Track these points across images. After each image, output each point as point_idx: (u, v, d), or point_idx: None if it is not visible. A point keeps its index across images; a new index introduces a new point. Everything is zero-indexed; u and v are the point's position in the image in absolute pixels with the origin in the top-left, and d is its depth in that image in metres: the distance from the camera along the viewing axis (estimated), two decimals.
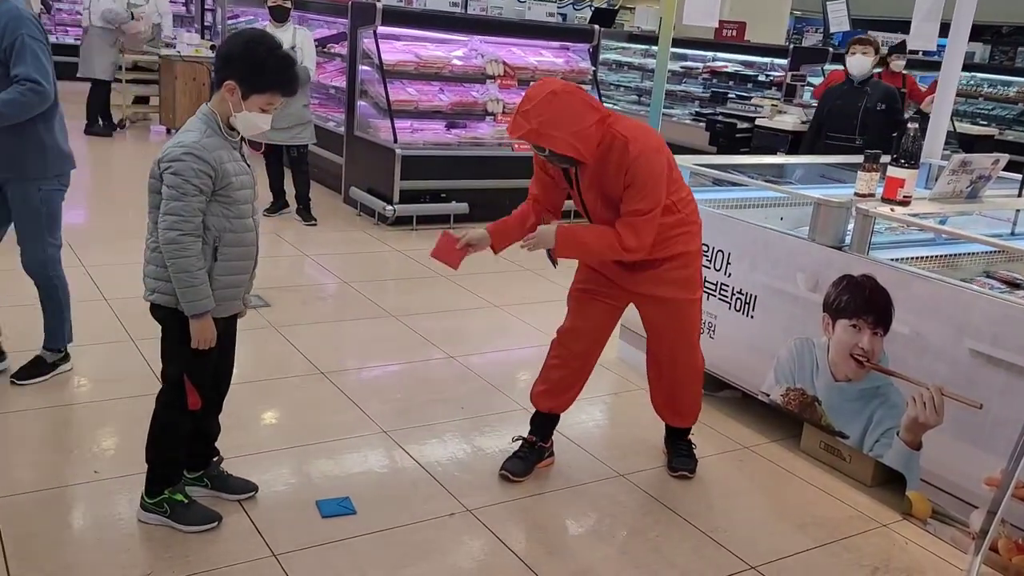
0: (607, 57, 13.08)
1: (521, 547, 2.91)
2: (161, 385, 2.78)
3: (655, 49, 6.35)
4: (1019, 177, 4.13)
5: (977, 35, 14.85)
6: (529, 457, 3.37)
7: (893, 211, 3.50)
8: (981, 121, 11.85)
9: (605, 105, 3.11)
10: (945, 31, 4.94)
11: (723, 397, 4.12)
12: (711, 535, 3.08)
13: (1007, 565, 2.94)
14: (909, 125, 3.60)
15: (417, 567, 2.75)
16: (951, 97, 5.01)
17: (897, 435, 3.28)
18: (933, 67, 9.23)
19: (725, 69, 11.75)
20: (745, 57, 11.68)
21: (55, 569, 2.58)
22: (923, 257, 3.60)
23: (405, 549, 2.83)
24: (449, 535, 2.94)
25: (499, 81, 7.71)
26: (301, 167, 6.87)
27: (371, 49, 7.34)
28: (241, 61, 2.58)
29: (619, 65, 13.46)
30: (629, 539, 3.03)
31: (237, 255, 2.68)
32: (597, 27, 8.62)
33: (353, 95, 7.64)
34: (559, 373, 3.33)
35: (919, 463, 3.21)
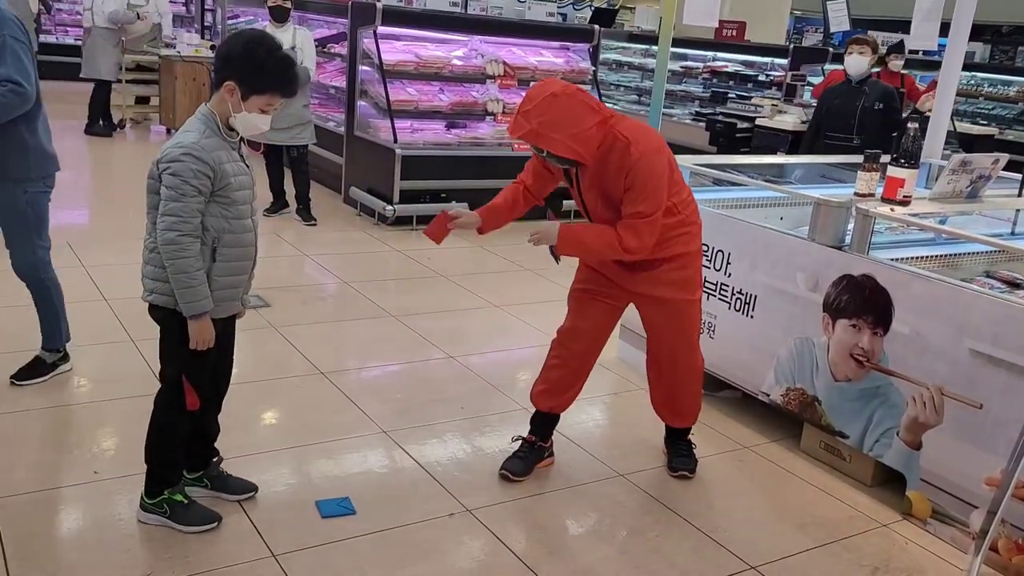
0: (607, 57, 13.08)
1: (521, 547, 2.91)
2: (160, 386, 2.78)
3: (655, 49, 6.36)
4: (1019, 177, 4.13)
5: (977, 35, 14.84)
6: (529, 457, 3.37)
7: (893, 211, 3.50)
8: (981, 121, 11.85)
9: (606, 105, 3.11)
10: (945, 30, 4.94)
11: (723, 397, 4.12)
12: (711, 535, 3.07)
13: (1007, 565, 2.93)
14: (909, 125, 3.60)
15: (417, 567, 2.75)
16: (951, 97, 5.00)
17: (897, 435, 3.28)
18: (933, 67, 9.24)
19: (725, 69, 11.75)
20: (745, 57, 11.68)
21: (55, 569, 2.58)
22: (923, 257, 3.60)
23: (405, 549, 2.83)
24: (449, 535, 2.94)
25: (499, 81, 7.71)
26: (301, 167, 6.87)
27: (371, 49, 7.34)
28: (241, 62, 2.58)
29: (619, 65, 13.47)
30: (629, 539, 3.03)
31: (236, 256, 2.67)
32: (597, 27, 8.62)
33: (353, 95, 7.64)
34: (559, 373, 3.33)
35: (919, 463, 3.21)
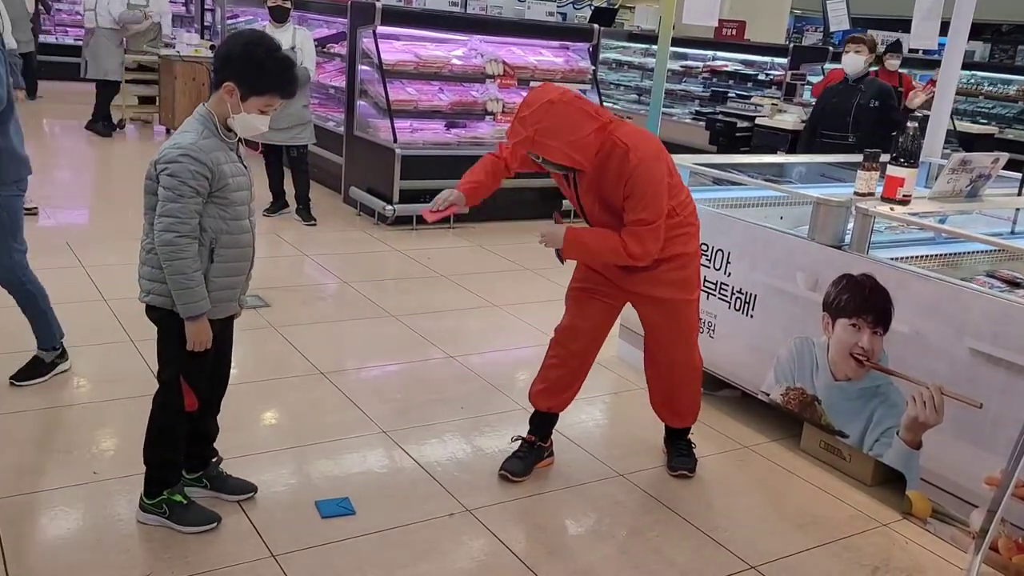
0: (607, 56, 13.08)
1: (521, 547, 2.91)
2: (159, 385, 2.77)
3: (655, 48, 6.35)
4: (1019, 176, 4.12)
5: (977, 33, 14.84)
6: (528, 457, 3.37)
7: (893, 210, 3.50)
8: (981, 120, 11.85)
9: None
10: (945, 29, 4.94)
11: (723, 396, 4.12)
12: (711, 535, 3.07)
13: (1007, 564, 2.93)
14: (908, 124, 3.60)
15: (417, 567, 2.75)
16: (951, 95, 5.00)
17: (897, 434, 3.27)
18: (933, 65, 9.23)
19: (725, 68, 11.75)
20: (745, 56, 11.68)
21: (54, 570, 2.58)
22: (923, 256, 3.60)
23: (404, 549, 2.83)
24: (449, 535, 2.93)
25: (499, 81, 7.71)
26: (301, 167, 6.86)
27: (371, 49, 7.34)
28: (240, 63, 2.57)
29: (619, 64, 13.46)
30: (629, 539, 3.03)
31: (234, 256, 2.67)
32: (597, 26, 8.62)
33: (353, 95, 7.64)
34: (557, 372, 3.33)
35: (919, 462, 3.21)
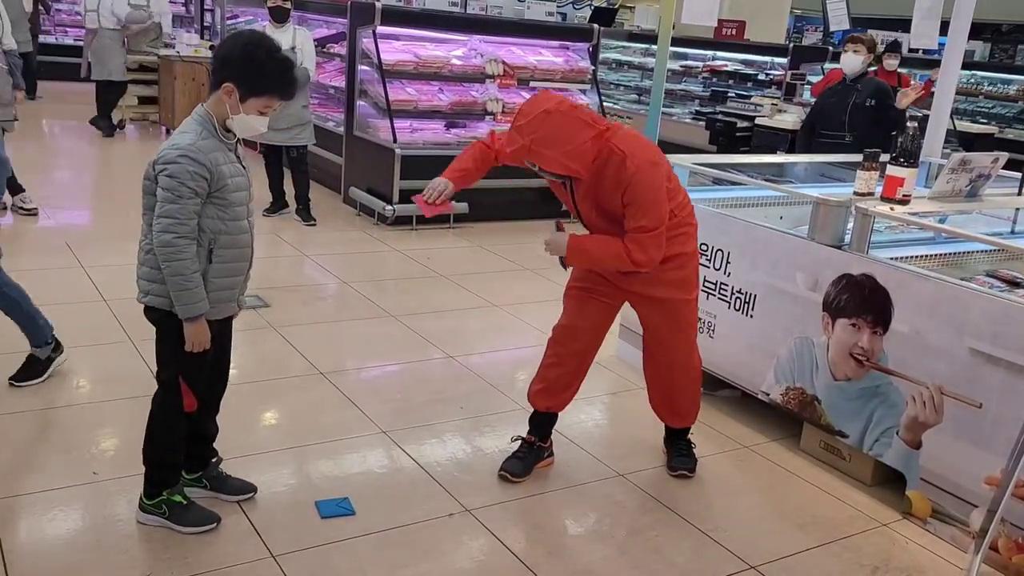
0: (607, 56, 13.08)
1: (520, 547, 2.91)
2: (158, 385, 2.77)
3: (655, 48, 6.35)
4: (1019, 175, 4.12)
5: (977, 33, 14.84)
6: (528, 457, 3.36)
7: (892, 210, 3.50)
8: (981, 119, 11.84)
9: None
10: (945, 29, 4.94)
11: (723, 396, 4.12)
12: (711, 535, 3.07)
13: (1007, 564, 2.93)
14: (908, 124, 3.60)
15: (416, 567, 2.75)
16: (951, 95, 5.00)
17: (897, 434, 3.27)
18: (933, 65, 9.22)
19: (725, 68, 11.76)
20: (745, 56, 11.69)
21: (54, 570, 2.58)
22: (923, 256, 3.60)
23: (404, 550, 2.83)
24: (448, 535, 2.93)
25: (498, 81, 7.70)
26: (300, 167, 6.86)
27: (370, 49, 7.34)
28: (240, 63, 2.56)
29: (619, 64, 13.47)
30: (629, 539, 3.03)
31: (232, 257, 2.66)
32: (597, 26, 8.61)
33: (352, 95, 7.64)
34: (556, 372, 3.33)
35: (919, 462, 3.21)
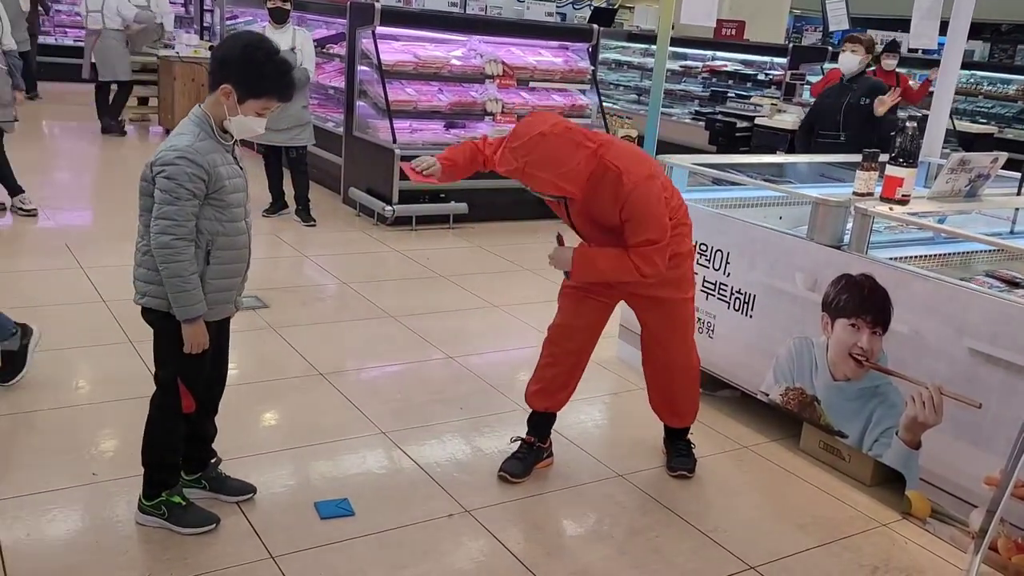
0: (607, 56, 13.09)
1: (520, 548, 2.91)
2: (156, 387, 2.77)
3: (655, 48, 6.35)
4: (1018, 175, 4.12)
5: (976, 33, 14.84)
6: (528, 458, 3.36)
7: (892, 210, 3.50)
8: (981, 119, 11.84)
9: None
10: (944, 29, 4.93)
11: (722, 396, 4.12)
12: (710, 535, 3.07)
13: (1006, 564, 2.93)
14: (907, 124, 3.60)
15: (416, 568, 2.75)
16: (950, 95, 5.00)
17: (896, 434, 3.27)
18: (932, 65, 9.22)
19: (724, 68, 11.76)
20: (744, 56, 11.69)
21: (53, 571, 2.58)
22: (922, 256, 3.60)
23: (404, 550, 2.83)
24: (448, 536, 2.93)
25: (498, 81, 7.70)
26: (300, 168, 6.86)
27: (370, 49, 7.34)
28: (238, 65, 2.56)
29: (619, 64, 13.47)
30: (628, 539, 3.03)
31: (230, 258, 2.66)
32: (596, 26, 8.61)
33: (352, 95, 7.64)
34: (552, 372, 3.33)
35: (918, 462, 3.21)
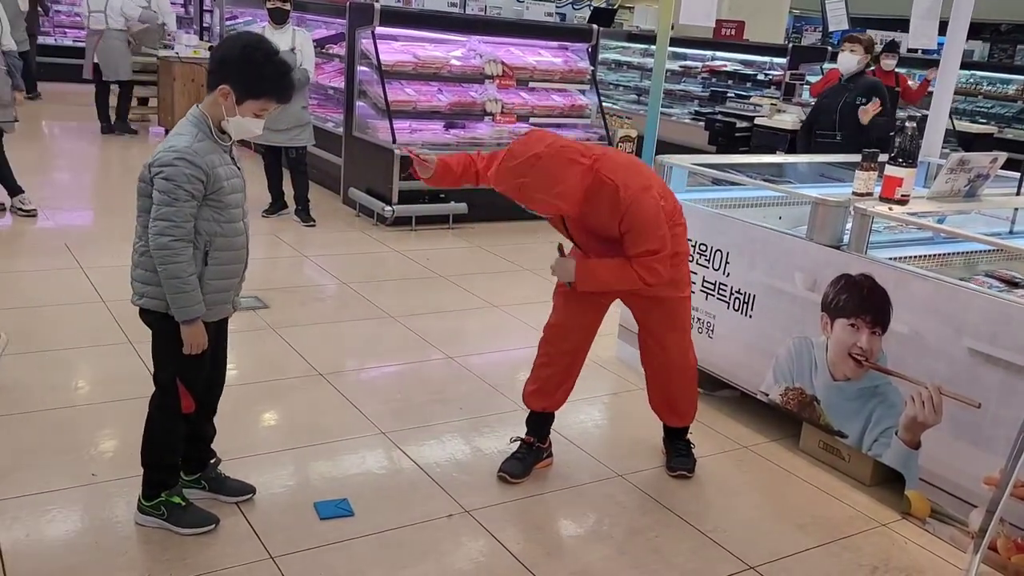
0: (606, 56, 13.09)
1: (519, 548, 2.91)
2: (155, 388, 2.77)
3: (654, 48, 6.34)
4: (1017, 175, 4.12)
5: (976, 33, 14.84)
6: (527, 458, 3.36)
7: (891, 210, 3.50)
8: (980, 119, 11.84)
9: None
10: (944, 29, 4.93)
11: (722, 396, 4.12)
12: (710, 535, 3.07)
13: (1006, 564, 2.93)
14: (907, 124, 3.60)
15: (415, 568, 2.75)
16: (950, 95, 5.00)
17: (896, 434, 3.27)
18: (932, 65, 9.22)
19: (724, 68, 11.75)
20: (744, 56, 11.69)
21: (52, 572, 2.58)
22: (921, 256, 3.60)
23: (403, 550, 2.83)
24: (447, 536, 2.93)
25: (498, 81, 7.70)
26: (300, 168, 6.85)
27: (369, 49, 7.34)
28: (237, 66, 2.56)
29: (618, 64, 13.47)
30: (628, 539, 3.03)
31: (228, 259, 2.66)
32: (596, 27, 8.61)
33: (352, 96, 7.64)
34: (548, 371, 3.33)
35: (918, 462, 3.21)
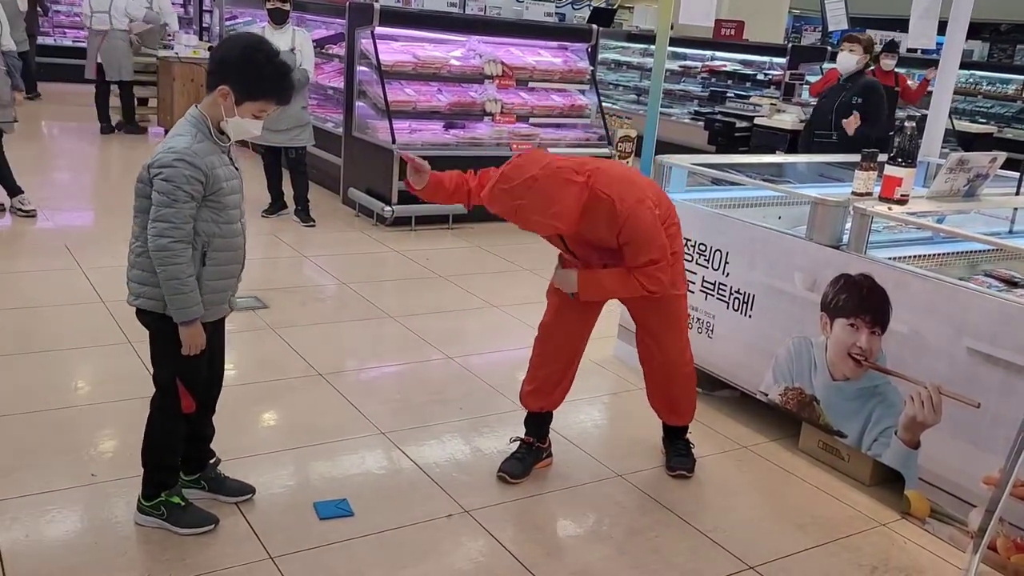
0: (606, 56, 13.10)
1: (519, 548, 2.91)
2: (155, 388, 2.77)
3: (654, 48, 6.35)
4: (1017, 175, 4.12)
5: (975, 33, 14.84)
6: (527, 458, 3.36)
7: (890, 210, 3.50)
8: (980, 119, 11.85)
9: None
10: (943, 28, 4.94)
11: (721, 396, 4.12)
12: (709, 535, 3.07)
13: (1005, 564, 2.93)
14: (906, 123, 3.60)
15: (415, 568, 2.75)
16: (949, 95, 5.00)
17: (895, 434, 3.27)
18: (931, 65, 9.23)
19: (724, 68, 11.77)
20: (744, 56, 11.70)
21: (52, 572, 2.58)
22: (921, 256, 3.60)
23: (403, 551, 2.83)
24: (447, 536, 2.93)
25: (497, 81, 7.69)
26: (300, 169, 6.85)
27: (369, 50, 7.34)
28: (237, 66, 2.56)
29: (618, 64, 13.48)
30: (627, 539, 3.03)
31: (225, 260, 2.66)
32: (595, 27, 8.60)
33: (351, 96, 7.64)
34: (545, 371, 3.33)
35: (917, 462, 3.21)
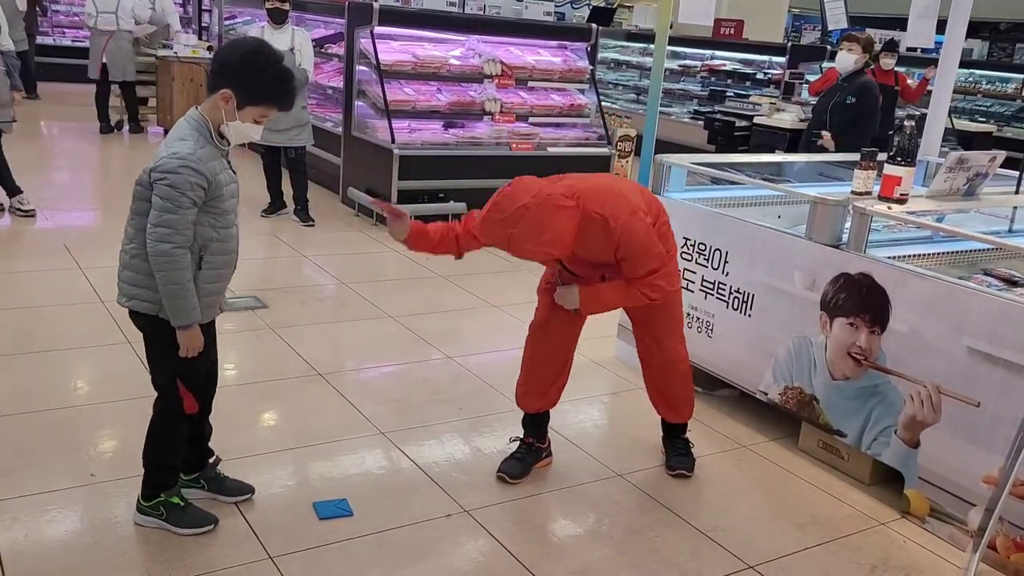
0: (605, 56, 13.10)
1: (519, 547, 2.90)
2: (155, 391, 2.76)
3: (653, 47, 6.35)
4: (1016, 174, 4.12)
5: (975, 31, 14.83)
6: (526, 458, 3.36)
7: (890, 209, 3.50)
8: (979, 118, 11.84)
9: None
10: (943, 27, 4.94)
11: (721, 396, 4.12)
12: (709, 534, 3.07)
13: (1005, 563, 2.93)
14: (906, 123, 3.60)
15: (415, 568, 2.75)
16: (948, 94, 5.00)
17: (895, 433, 3.27)
18: (931, 64, 9.23)
19: (723, 67, 11.77)
20: (743, 55, 11.70)
21: (52, 572, 2.58)
22: (920, 255, 3.59)
23: (402, 550, 2.83)
24: (447, 536, 2.93)
25: (497, 80, 7.69)
26: (299, 168, 6.85)
27: (368, 49, 7.34)
28: (239, 71, 2.55)
29: (617, 64, 13.48)
30: (627, 539, 3.03)
31: (221, 263, 2.66)
32: (595, 26, 8.60)
33: (351, 95, 7.64)
34: (540, 371, 3.32)
35: (917, 461, 3.21)
